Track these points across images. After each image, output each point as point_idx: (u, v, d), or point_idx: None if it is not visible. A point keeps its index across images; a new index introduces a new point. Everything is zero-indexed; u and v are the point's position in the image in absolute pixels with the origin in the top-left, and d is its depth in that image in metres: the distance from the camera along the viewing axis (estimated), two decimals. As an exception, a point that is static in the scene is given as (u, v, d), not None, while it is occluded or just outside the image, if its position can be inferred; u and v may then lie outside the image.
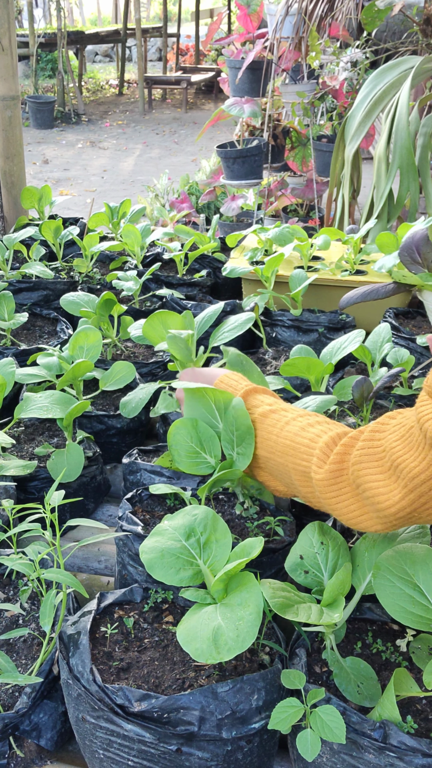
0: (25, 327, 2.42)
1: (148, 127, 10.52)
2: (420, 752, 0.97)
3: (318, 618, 1.09)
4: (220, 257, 2.91)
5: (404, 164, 2.81)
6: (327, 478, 1.08)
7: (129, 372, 1.90)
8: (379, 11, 3.30)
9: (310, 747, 1.02)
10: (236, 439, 1.27)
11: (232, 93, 4.15)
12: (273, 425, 1.22)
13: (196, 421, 1.35)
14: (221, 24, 6.39)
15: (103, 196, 6.95)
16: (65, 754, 1.23)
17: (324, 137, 4.24)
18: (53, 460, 1.65)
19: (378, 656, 1.20)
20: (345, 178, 3.22)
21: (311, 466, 1.11)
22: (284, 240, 2.47)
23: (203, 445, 1.35)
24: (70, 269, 2.84)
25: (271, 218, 4.47)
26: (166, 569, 1.14)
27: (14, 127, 3.26)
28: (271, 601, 1.09)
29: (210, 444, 1.35)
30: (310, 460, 1.11)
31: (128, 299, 2.58)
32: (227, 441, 1.30)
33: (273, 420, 1.23)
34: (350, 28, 4.63)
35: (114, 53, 15.74)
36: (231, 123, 5.62)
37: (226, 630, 1.03)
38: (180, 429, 1.35)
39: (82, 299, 2.14)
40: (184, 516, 1.22)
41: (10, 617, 1.35)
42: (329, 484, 1.08)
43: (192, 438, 1.35)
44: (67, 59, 10.40)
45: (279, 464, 1.20)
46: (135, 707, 1.05)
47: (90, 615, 1.23)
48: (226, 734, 1.05)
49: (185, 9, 15.74)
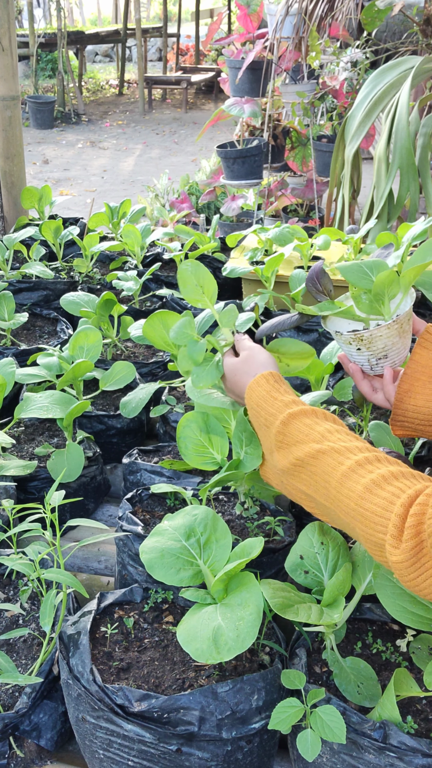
0: (25, 327, 2.42)
1: (148, 127, 10.52)
2: (420, 752, 0.97)
3: (318, 618, 1.09)
4: (220, 257, 2.91)
5: (404, 164, 2.81)
6: (405, 559, 0.91)
7: (129, 372, 1.90)
8: (379, 11, 3.30)
9: (310, 747, 1.02)
10: (245, 439, 1.27)
11: (232, 93, 4.15)
12: (328, 472, 1.02)
13: (207, 416, 1.37)
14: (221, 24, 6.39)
15: (103, 196, 6.95)
16: (65, 754, 1.23)
17: (324, 137, 4.24)
18: (53, 460, 1.65)
19: (378, 656, 1.20)
20: (345, 178, 3.22)
21: (385, 544, 0.94)
22: (284, 240, 2.47)
23: (212, 441, 1.36)
24: (70, 269, 2.84)
25: (271, 218, 4.47)
26: (166, 569, 1.14)
27: (14, 127, 3.25)
28: (271, 601, 1.09)
29: (219, 440, 1.36)
30: (385, 533, 0.94)
31: (128, 299, 2.58)
32: (237, 439, 1.30)
33: (328, 466, 1.02)
34: (350, 28, 4.63)
35: (114, 53, 15.74)
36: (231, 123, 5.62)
37: (226, 630, 1.02)
38: (190, 422, 1.37)
39: (82, 299, 2.14)
40: (184, 516, 1.22)
41: (10, 617, 1.35)
42: (409, 565, 0.91)
43: (201, 432, 1.36)
44: (67, 59, 10.39)
45: (341, 520, 1.02)
46: (135, 707, 1.05)
47: (90, 615, 1.23)
48: (226, 734, 1.05)
49: (185, 9, 15.73)
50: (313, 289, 1.26)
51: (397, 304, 1.24)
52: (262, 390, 1.16)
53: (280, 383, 1.18)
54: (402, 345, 1.26)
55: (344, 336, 1.24)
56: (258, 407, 1.15)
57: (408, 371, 1.21)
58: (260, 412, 1.15)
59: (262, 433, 1.16)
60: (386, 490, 0.96)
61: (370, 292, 1.25)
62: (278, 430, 1.10)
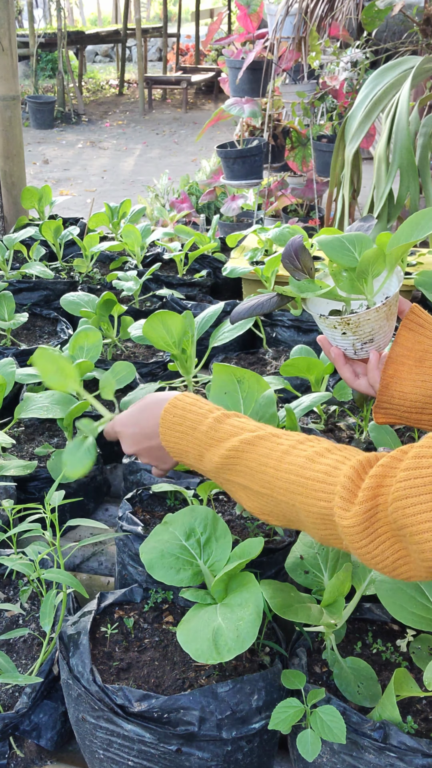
0: (25, 327, 2.42)
1: (148, 127, 10.52)
2: (420, 752, 0.97)
3: (318, 618, 1.09)
4: (220, 257, 2.91)
5: (404, 164, 2.81)
6: (358, 522, 0.85)
7: (129, 372, 1.90)
8: (379, 11, 3.30)
9: (310, 747, 1.02)
10: None
11: (232, 93, 4.15)
12: (266, 455, 0.97)
13: None
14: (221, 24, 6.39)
15: (103, 196, 6.95)
16: (65, 754, 1.23)
17: (324, 137, 4.25)
18: (53, 460, 1.65)
19: (378, 656, 1.20)
20: (345, 178, 3.22)
21: (333, 508, 0.87)
22: (284, 240, 2.47)
23: None
24: (70, 269, 2.84)
25: (271, 218, 4.47)
26: (166, 569, 1.14)
27: (14, 127, 3.26)
28: (271, 602, 1.09)
29: None
30: (331, 500, 0.88)
31: (128, 299, 2.58)
32: None
33: (265, 448, 0.98)
34: (350, 28, 4.63)
35: (114, 53, 15.74)
36: (231, 123, 5.62)
37: (226, 630, 1.02)
38: None
39: (82, 299, 2.14)
40: (184, 516, 1.22)
41: (10, 617, 1.35)
42: (361, 530, 0.85)
43: None
44: (67, 59, 10.39)
45: (281, 503, 0.96)
46: (135, 707, 1.05)
47: (90, 615, 1.23)
48: (226, 734, 1.05)
49: (185, 9, 15.73)
50: (291, 267, 1.15)
51: (381, 283, 1.17)
52: (184, 403, 1.09)
53: (200, 399, 1.11)
54: (388, 327, 1.17)
55: (329, 320, 1.15)
56: (181, 417, 1.07)
57: (392, 355, 1.13)
58: (185, 418, 1.07)
59: (186, 440, 1.06)
60: (329, 458, 0.91)
61: (353, 270, 1.16)
62: (210, 426, 1.03)
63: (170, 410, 1.09)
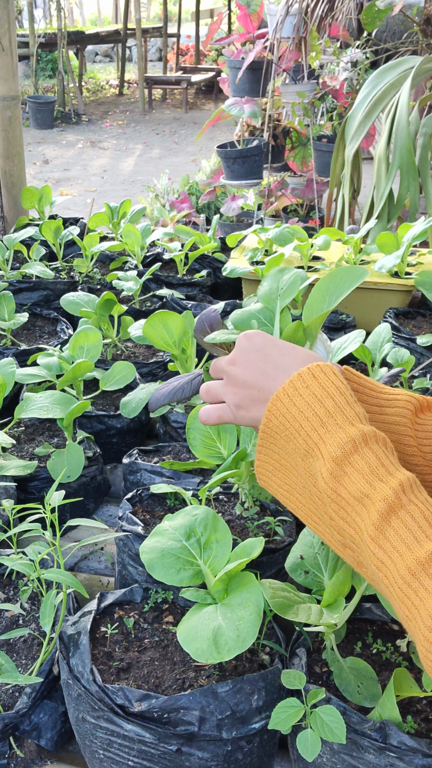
0: (25, 327, 2.43)
1: (148, 127, 10.52)
2: (420, 752, 0.97)
3: (318, 618, 1.09)
4: (220, 257, 2.91)
5: (404, 164, 2.81)
6: None
7: (129, 372, 1.90)
8: (379, 11, 3.31)
9: (310, 747, 1.02)
10: (253, 433, 1.26)
11: (232, 93, 4.15)
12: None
13: None
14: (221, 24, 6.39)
15: (104, 196, 6.95)
16: (65, 754, 1.23)
17: (324, 137, 4.25)
18: (53, 460, 1.65)
19: (378, 656, 1.20)
20: (345, 178, 3.22)
21: None
22: (284, 240, 2.48)
23: (220, 436, 1.36)
24: (70, 269, 2.84)
25: (271, 218, 4.47)
26: (166, 569, 1.14)
27: (14, 127, 3.26)
28: (272, 601, 1.09)
29: (227, 436, 1.35)
30: None
31: (128, 299, 2.58)
32: (246, 433, 1.29)
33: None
34: (350, 28, 4.63)
35: (114, 53, 15.74)
36: (231, 123, 5.62)
37: (227, 630, 1.02)
38: None
39: (83, 299, 2.14)
40: (184, 516, 1.22)
41: (10, 617, 1.35)
42: None
43: (211, 426, 1.36)
44: (67, 59, 10.39)
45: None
46: (135, 707, 1.05)
47: (90, 615, 1.23)
48: (226, 734, 1.05)
49: (185, 9, 15.73)
50: (201, 337, 0.99)
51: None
52: (309, 392, 0.77)
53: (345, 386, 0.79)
54: None
55: None
56: (295, 420, 0.77)
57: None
58: (301, 428, 0.76)
59: (289, 459, 0.80)
60: None
61: None
62: (330, 484, 0.74)
63: (293, 395, 0.78)
